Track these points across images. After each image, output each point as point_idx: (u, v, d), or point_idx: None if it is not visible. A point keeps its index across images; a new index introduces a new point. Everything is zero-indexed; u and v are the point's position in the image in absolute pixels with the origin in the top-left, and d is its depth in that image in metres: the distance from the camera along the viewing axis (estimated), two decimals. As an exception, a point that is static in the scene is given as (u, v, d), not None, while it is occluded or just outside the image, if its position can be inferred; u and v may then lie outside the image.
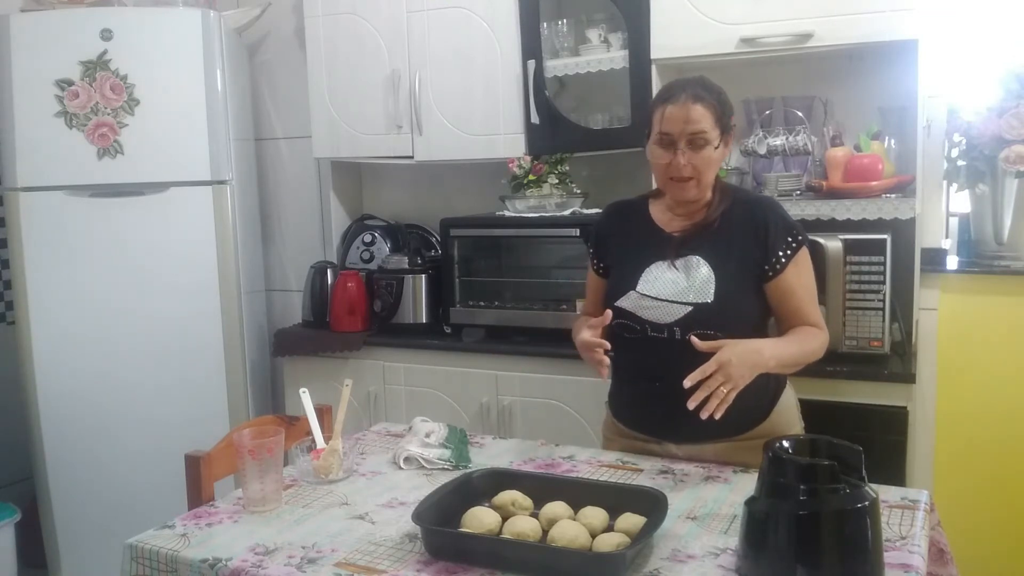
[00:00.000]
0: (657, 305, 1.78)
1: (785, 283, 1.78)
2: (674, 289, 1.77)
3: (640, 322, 1.79)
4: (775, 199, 1.92)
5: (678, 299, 1.76)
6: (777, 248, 1.77)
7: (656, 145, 1.78)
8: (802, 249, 1.80)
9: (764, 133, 2.52)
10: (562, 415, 2.62)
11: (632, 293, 1.80)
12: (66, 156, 2.91)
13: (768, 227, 1.78)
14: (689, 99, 1.74)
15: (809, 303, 1.80)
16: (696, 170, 1.75)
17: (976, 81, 2.53)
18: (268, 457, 1.60)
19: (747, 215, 1.81)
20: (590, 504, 1.49)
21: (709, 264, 1.77)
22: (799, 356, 1.76)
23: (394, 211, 3.32)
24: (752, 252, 1.78)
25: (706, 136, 1.74)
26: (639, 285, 1.80)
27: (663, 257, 1.81)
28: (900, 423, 2.23)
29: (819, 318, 1.82)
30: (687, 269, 1.78)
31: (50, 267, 2.94)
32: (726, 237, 1.79)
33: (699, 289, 1.76)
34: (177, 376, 3.00)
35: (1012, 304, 2.47)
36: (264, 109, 3.52)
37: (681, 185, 1.78)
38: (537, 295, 2.80)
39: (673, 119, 1.74)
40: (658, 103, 1.79)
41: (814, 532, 1.25)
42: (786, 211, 1.84)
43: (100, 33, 2.87)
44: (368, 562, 1.39)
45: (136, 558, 1.47)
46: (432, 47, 2.88)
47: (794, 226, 1.80)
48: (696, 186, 1.78)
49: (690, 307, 1.75)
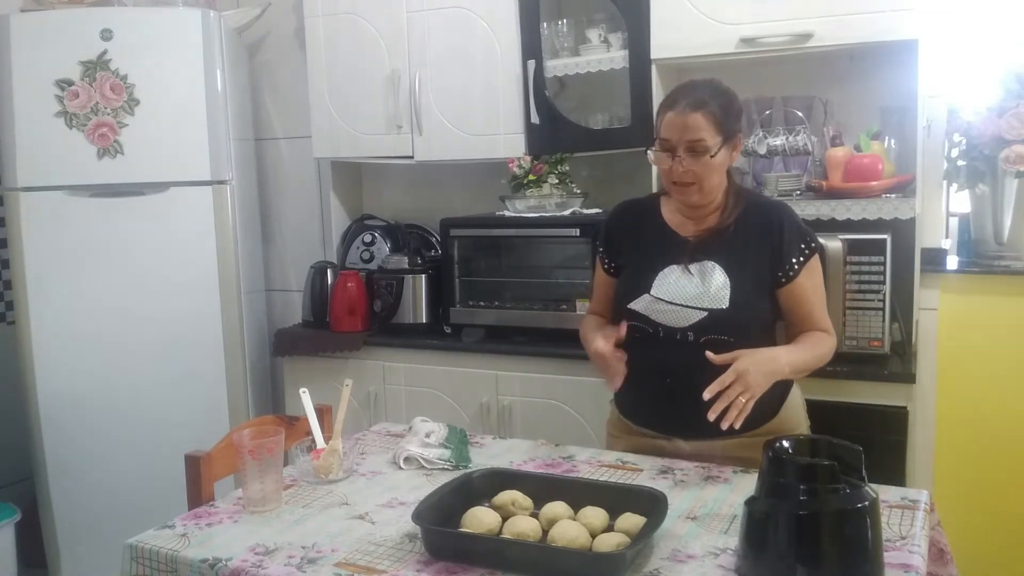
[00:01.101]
0: (671, 309, 1.79)
1: (798, 289, 1.80)
2: (689, 294, 1.78)
3: (653, 324, 1.81)
4: (788, 204, 1.93)
5: (693, 304, 1.77)
6: (791, 255, 1.79)
7: (658, 151, 1.80)
8: (815, 255, 1.82)
9: (764, 133, 2.52)
10: (562, 415, 2.62)
11: (646, 296, 1.81)
12: (66, 156, 2.90)
13: (783, 234, 1.79)
14: (688, 107, 1.74)
15: (820, 308, 1.83)
16: (696, 176, 1.76)
17: (976, 81, 2.53)
18: (268, 457, 1.60)
19: (761, 220, 1.82)
20: (590, 504, 1.49)
21: (724, 270, 1.78)
22: (812, 362, 1.78)
23: (394, 211, 3.32)
24: (766, 258, 1.79)
25: (704, 144, 1.74)
26: (653, 288, 1.81)
27: (677, 261, 1.82)
28: (900, 423, 2.23)
29: (828, 323, 1.84)
30: (702, 274, 1.79)
31: (50, 267, 2.94)
32: (741, 242, 1.80)
33: (714, 295, 1.76)
34: (177, 376, 2.99)
35: (1012, 304, 2.47)
36: (264, 109, 3.52)
37: (683, 189, 1.80)
38: (537, 295, 2.80)
39: (671, 126, 1.76)
40: (662, 109, 1.81)
41: (814, 532, 1.25)
42: (799, 217, 1.85)
43: (100, 33, 2.87)
44: (368, 562, 1.39)
45: (136, 558, 1.47)
46: (432, 47, 2.88)
47: (807, 233, 1.82)
48: (699, 191, 1.79)
49: (705, 312, 1.76)
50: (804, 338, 1.81)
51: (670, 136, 1.76)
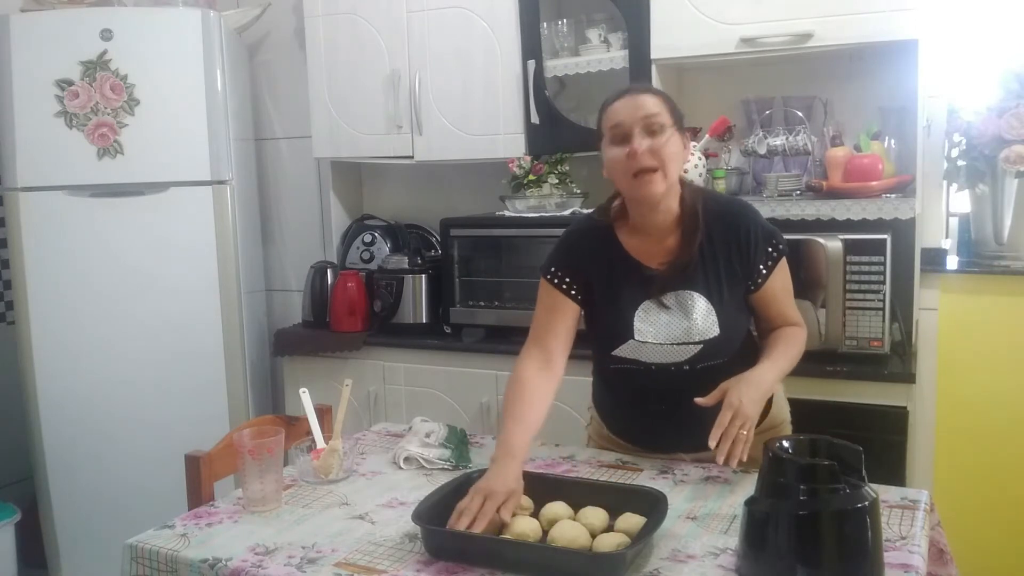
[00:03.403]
0: (661, 349, 1.72)
1: (769, 292, 1.76)
2: (676, 331, 1.70)
3: (644, 364, 1.75)
4: (748, 204, 1.81)
5: (684, 340, 1.70)
6: (759, 262, 1.72)
7: (610, 145, 1.66)
8: (782, 257, 1.75)
9: (764, 133, 2.52)
10: (562, 415, 2.61)
11: (631, 342, 1.72)
12: (66, 156, 2.90)
13: (749, 240, 1.71)
14: (635, 91, 1.68)
15: (789, 305, 1.80)
16: (659, 158, 1.61)
17: (976, 81, 2.53)
18: (268, 457, 1.60)
19: (726, 230, 1.71)
20: (590, 504, 1.49)
21: (704, 295, 1.70)
22: (791, 365, 1.76)
23: (394, 211, 3.32)
24: (736, 269, 1.72)
25: (660, 119, 1.62)
26: (636, 333, 1.71)
27: (649, 295, 1.71)
28: (900, 423, 2.23)
29: (798, 315, 1.81)
30: (682, 307, 1.70)
31: (50, 267, 2.94)
32: (711, 261, 1.71)
33: (703, 327, 1.69)
34: (177, 376, 2.99)
35: (1012, 304, 2.47)
36: (264, 109, 3.52)
37: (647, 178, 1.62)
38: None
39: (622, 109, 1.64)
40: (604, 107, 1.70)
41: (814, 532, 1.25)
42: (761, 216, 1.76)
43: (100, 33, 2.87)
44: (368, 562, 1.39)
45: (136, 558, 1.47)
46: (432, 47, 2.88)
47: (773, 234, 1.75)
48: (663, 179, 1.63)
49: (700, 345, 1.71)
50: (778, 340, 1.76)
51: (623, 119, 1.63)
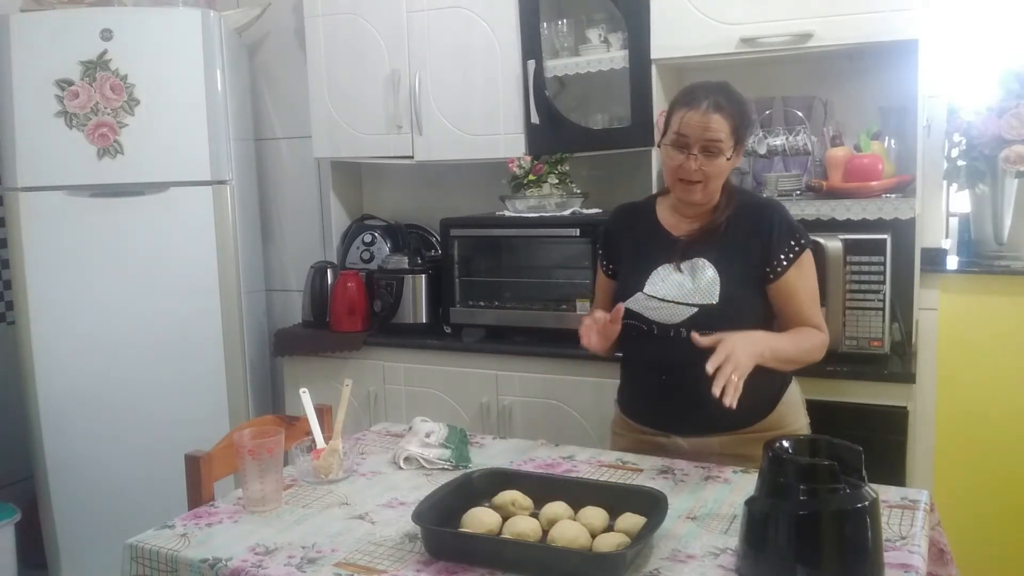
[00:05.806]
0: (663, 306, 1.82)
1: (787, 285, 1.81)
2: (680, 291, 1.82)
3: (647, 322, 1.84)
4: (780, 202, 1.96)
5: (684, 300, 1.81)
6: (779, 251, 1.81)
7: (671, 146, 1.81)
8: (805, 252, 1.83)
9: (764, 133, 2.52)
10: (562, 415, 2.62)
11: (639, 295, 1.85)
12: (66, 156, 2.90)
13: (772, 230, 1.81)
14: (711, 107, 1.76)
15: (811, 305, 1.84)
16: (705, 175, 1.79)
17: (976, 81, 2.53)
18: (268, 457, 1.60)
19: (752, 218, 1.84)
20: (590, 504, 1.49)
21: (714, 266, 1.81)
22: (795, 353, 1.79)
23: (394, 211, 3.32)
24: (756, 254, 1.81)
25: (721, 146, 1.77)
26: (646, 287, 1.85)
27: (669, 259, 1.85)
28: (900, 423, 2.23)
29: (820, 320, 1.86)
30: (693, 271, 1.82)
31: (50, 267, 2.94)
32: (731, 240, 1.83)
33: (704, 291, 1.80)
34: (177, 376, 2.99)
35: (1012, 304, 2.47)
36: (264, 109, 3.52)
37: (688, 187, 1.81)
38: (537, 295, 2.79)
39: (692, 124, 1.77)
40: (679, 105, 1.81)
41: (814, 532, 1.25)
42: (790, 214, 1.87)
43: (100, 33, 2.87)
44: (368, 562, 1.39)
45: (136, 558, 1.47)
46: (432, 47, 2.88)
47: (797, 229, 1.84)
48: (703, 190, 1.81)
49: (695, 308, 1.79)
50: (792, 331, 1.82)
51: (689, 133, 1.77)
